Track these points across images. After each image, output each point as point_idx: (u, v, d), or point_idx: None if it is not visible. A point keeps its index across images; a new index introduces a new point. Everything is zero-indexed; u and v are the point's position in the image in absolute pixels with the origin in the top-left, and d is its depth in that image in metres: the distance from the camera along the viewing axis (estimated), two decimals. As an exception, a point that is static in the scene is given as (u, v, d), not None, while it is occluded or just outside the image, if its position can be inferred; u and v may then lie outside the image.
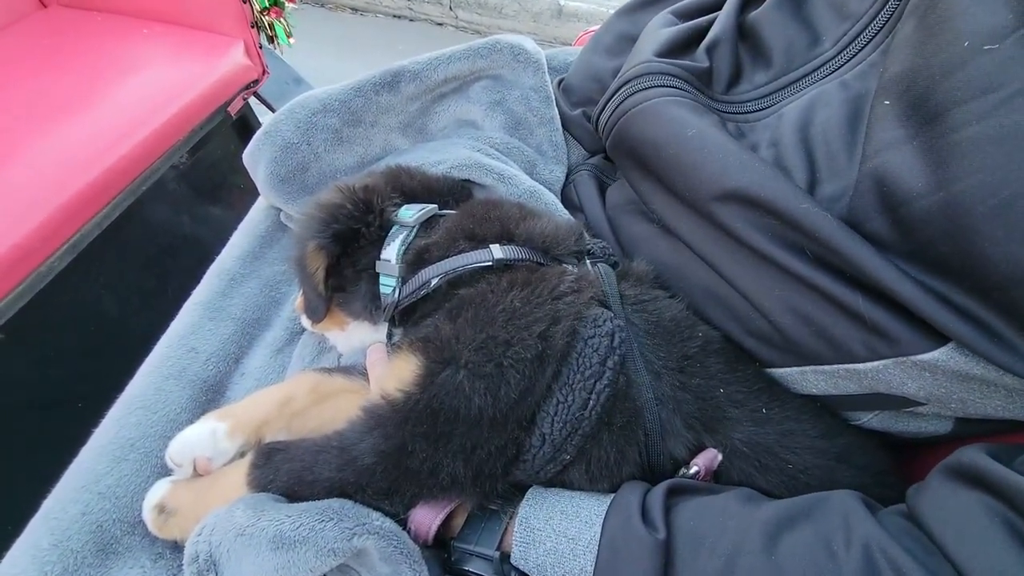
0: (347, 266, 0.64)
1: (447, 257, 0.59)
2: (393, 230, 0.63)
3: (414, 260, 0.61)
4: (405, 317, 0.61)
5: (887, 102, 0.46)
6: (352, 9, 3.47)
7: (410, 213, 0.63)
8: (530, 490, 0.54)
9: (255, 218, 0.87)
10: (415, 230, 0.63)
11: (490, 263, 0.57)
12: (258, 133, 0.82)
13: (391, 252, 0.62)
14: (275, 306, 0.81)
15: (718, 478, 0.54)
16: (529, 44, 0.82)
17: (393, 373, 0.54)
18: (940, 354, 0.44)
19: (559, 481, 0.54)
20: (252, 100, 1.53)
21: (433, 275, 0.58)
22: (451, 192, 0.70)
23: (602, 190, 0.77)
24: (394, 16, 3.48)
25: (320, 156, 0.80)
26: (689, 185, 0.54)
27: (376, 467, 0.51)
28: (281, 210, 0.85)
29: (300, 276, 0.65)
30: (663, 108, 0.58)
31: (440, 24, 3.39)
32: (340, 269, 0.64)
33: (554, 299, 0.53)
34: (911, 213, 0.42)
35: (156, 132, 1.19)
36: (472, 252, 0.58)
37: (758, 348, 0.56)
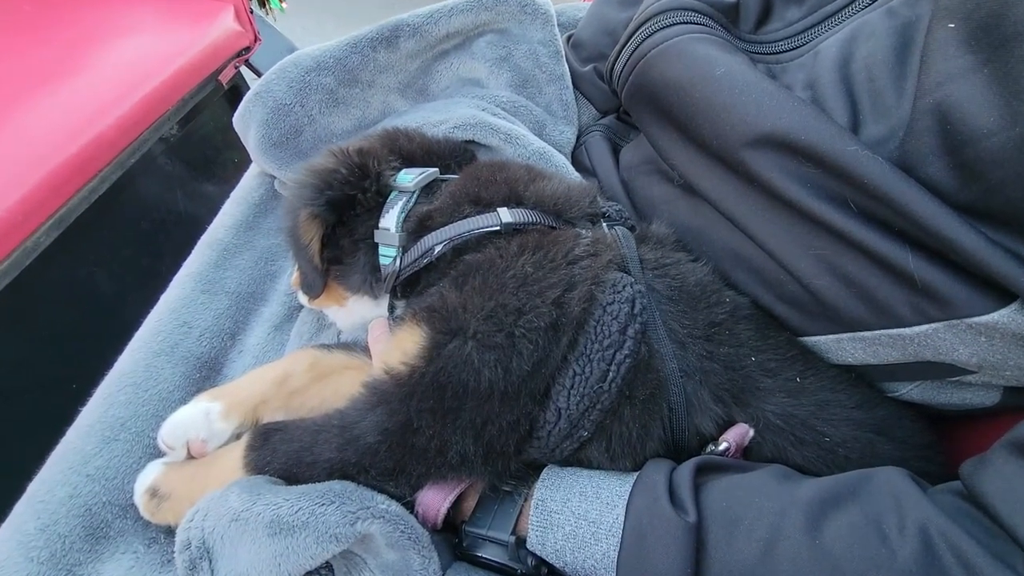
0: (343, 236, 0.59)
1: (451, 223, 0.54)
2: (392, 196, 0.59)
3: (415, 227, 0.56)
4: (408, 288, 0.57)
5: (951, 25, 0.40)
6: (347, -20, 3.37)
7: (409, 178, 0.59)
8: (546, 469, 0.50)
9: (248, 186, 0.83)
10: (415, 195, 0.58)
11: (498, 227, 0.52)
12: (248, 94, 0.77)
13: (390, 220, 0.57)
14: (271, 280, 0.77)
15: (749, 453, 0.50)
16: None
17: (397, 346, 0.51)
18: (1001, 316, 0.40)
19: (577, 459, 0.50)
20: (245, 72, 1.47)
21: (437, 242, 0.53)
22: (453, 155, 0.65)
23: (615, 152, 0.72)
24: (390, -13, 3.38)
25: (314, 118, 0.75)
26: (718, 131, 0.49)
27: (380, 446, 0.47)
28: (275, 177, 0.81)
29: (294, 248, 0.60)
30: (687, 46, 0.53)
31: (438, -5, 3.30)
32: (336, 239, 0.60)
33: (569, 263, 0.49)
34: (978, 153, 0.38)
35: (143, 101, 1.13)
36: (478, 216, 0.53)
37: (789, 314, 0.52)
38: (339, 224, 0.59)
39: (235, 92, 1.45)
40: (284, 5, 1.39)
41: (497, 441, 0.47)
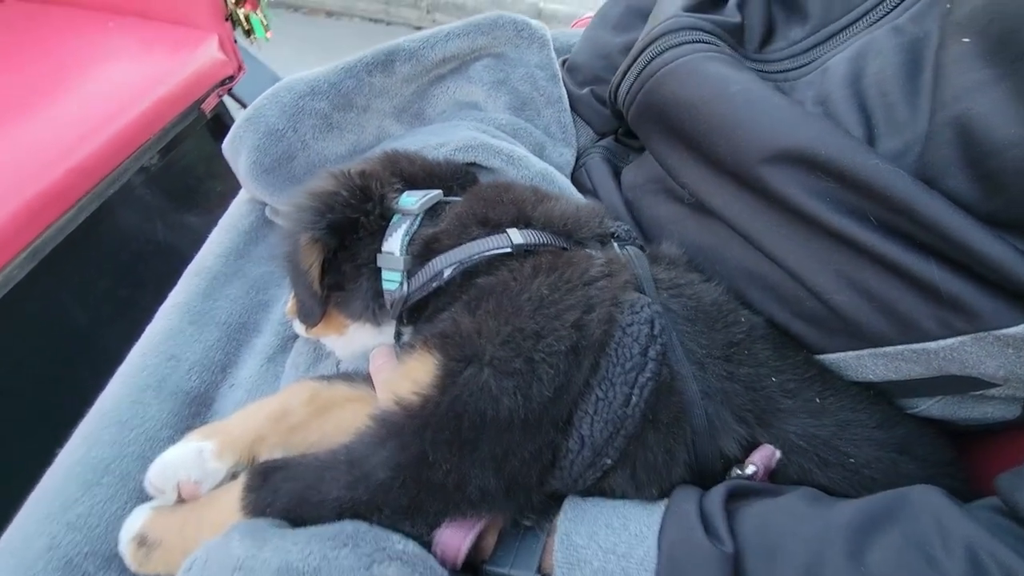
0: (345, 261, 0.57)
1: (459, 245, 0.53)
2: (394, 219, 0.57)
3: (421, 251, 0.55)
4: (414, 314, 0.55)
5: (965, 40, 0.41)
6: (327, 13, 3.41)
7: (413, 200, 0.57)
8: (567, 501, 0.48)
9: (237, 212, 0.80)
10: (419, 218, 0.57)
11: (509, 249, 0.51)
12: (238, 120, 0.75)
13: (394, 243, 0.55)
14: (263, 309, 0.74)
15: (774, 476, 0.49)
16: (533, 20, 0.76)
17: (407, 375, 0.48)
18: None
19: (599, 489, 0.48)
20: (229, 101, 1.45)
21: (446, 265, 0.51)
22: (455, 177, 0.63)
23: (615, 174, 0.72)
24: (371, 20, 3.43)
25: (308, 144, 0.74)
26: (734, 147, 0.49)
27: (393, 482, 0.44)
28: (266, 204, 0.78)
29: (292, 275, 0.58)
30: (699, 64, 0.53)
31: (418, 27, 3.34)
32: (337, 265, 0.57)
33: (585, 284, 0.48)
34: (1002, 164, 0.38)
35: (124, 130, 1.11)
36: (487, 238, 0.52)
37: (807, 332, 0.51)
38: (340, 249, 0.57)
39: (218, 121, 1.43)
40: (269, 35, 1.38)
41: (519, 473, 0.44)
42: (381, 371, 0.57)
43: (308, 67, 0.77)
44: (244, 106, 1.47)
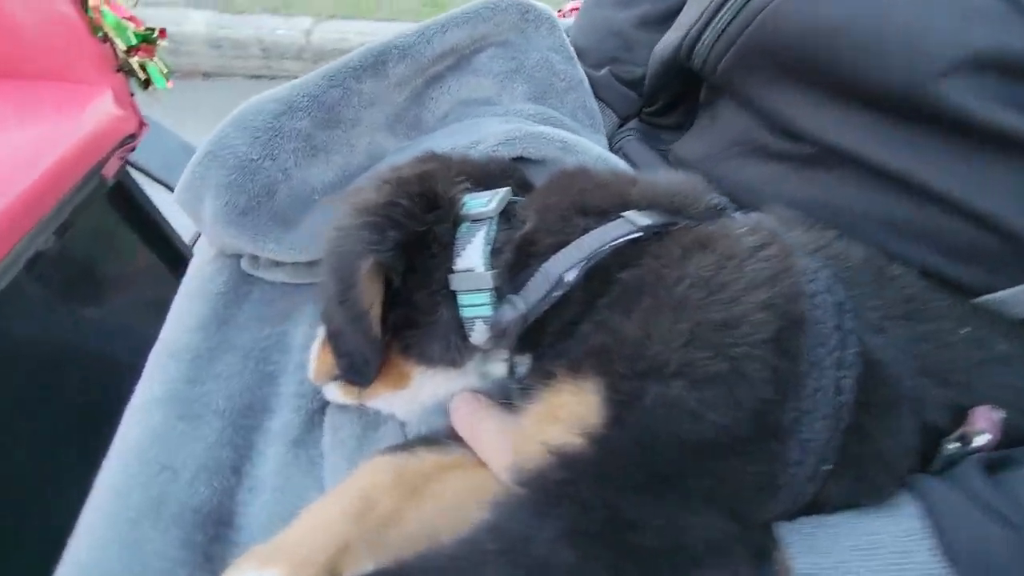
0: (416, 289, 0.44)
1: (568, 242, 0.42)
2: (463, 229, 0.46)
3: (515, 259, 0.43)
4: (528, 339, 0.43)
5: None
6: (204, 75, 3.18)
7: (482, 201, 0.46)
8: (778, 531, 0.38)
9: (203, 274, 0.63)
10: (495, 222, 0.46)
11: (640, 233, 0.41)
12: (196, 156, 0.60)
13: (473, 256, 0.44)
14: (270, 382, 0.58)
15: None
16: (537, 1, 0.68)
17: (551, 415, 0.37)
18: None
19: (814, 505, 0.38)
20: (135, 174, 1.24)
21: (566, 267, 0.40)
22: (506, 175, 0.53)
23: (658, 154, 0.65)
24: (252, 77, 3.24)
25: (290, 173, 0.60)
26: (900, 63, 0.42)
27: (586, 563, 0.32)
28: (241, 256, 0.63)
29: (342, 321, 0.44)
30: None
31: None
32: (407, 295, 0.45)
33: (750, 256, 0.39)
34: None
35: (9, 210, 0.89)
36: (606, 226, 0.42)
37: (964, 273, 0.45)
38: (409, 273, 0.44)
39: (121, 189, 1.22)
40: (170, 85, 1.20)
41: (747, 505, 0.34)
42: (476, 423, 0.45)
43: (191, 137, 0.62)
44: (157, 180, 1.27)
